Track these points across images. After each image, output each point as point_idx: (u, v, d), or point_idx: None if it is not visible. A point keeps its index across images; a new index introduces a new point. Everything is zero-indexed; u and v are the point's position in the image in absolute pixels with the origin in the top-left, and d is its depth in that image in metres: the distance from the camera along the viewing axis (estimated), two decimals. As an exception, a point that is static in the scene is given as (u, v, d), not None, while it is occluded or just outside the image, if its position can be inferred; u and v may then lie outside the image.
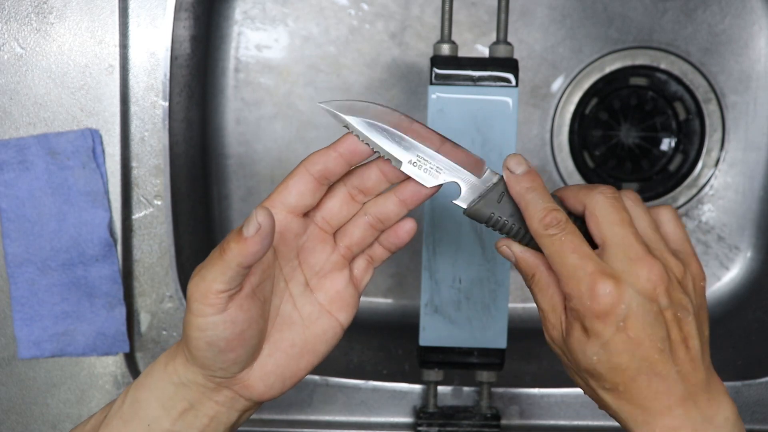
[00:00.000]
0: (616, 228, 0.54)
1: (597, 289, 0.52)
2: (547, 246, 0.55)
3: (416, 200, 0.58)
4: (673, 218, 0.58)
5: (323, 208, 0.59)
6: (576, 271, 0.53)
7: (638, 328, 0.53)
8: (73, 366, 0.89)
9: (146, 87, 0.87)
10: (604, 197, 0.55)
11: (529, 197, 0.56)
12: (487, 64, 0.81)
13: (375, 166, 0.58)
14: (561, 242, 0.54)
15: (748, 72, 1.06)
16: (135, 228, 0.89)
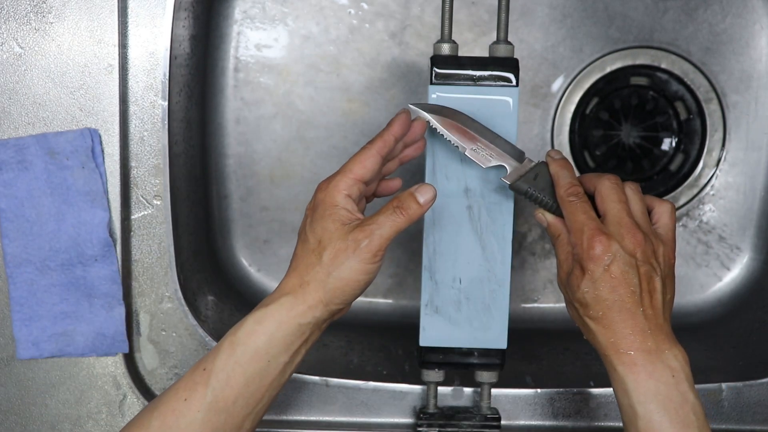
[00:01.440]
0: (615, 204, 0.75)
1: (593, 240, 0.73)
2: (566, 208, 0.76)
3: (409, 160, 0.83)
4: (668, 211, 0.79)
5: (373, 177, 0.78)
6: (582, 227, 0.74)
7: (618, 272, 0.73)
8: (72, 366, 0.88)
9: (145, 87, 0.87)
10: (609, 182, 0.77)
11: (561, 173, 0.78)
12: (488, 63, 0.81)
13: (397, 160, 0.81)
14: (576, 206, 0.76)
15: (749, 71, 1.06)
16: (134, 228, 0.89)
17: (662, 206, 0.79)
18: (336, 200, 0.74)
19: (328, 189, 0.75)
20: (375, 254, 0.72)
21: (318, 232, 0.74)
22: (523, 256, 1.08)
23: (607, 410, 0.94)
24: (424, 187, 0.74)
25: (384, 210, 0.73)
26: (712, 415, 0.94)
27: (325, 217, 0.74)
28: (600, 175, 0.78)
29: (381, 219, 0.72)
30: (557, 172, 0.78)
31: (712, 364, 1.01)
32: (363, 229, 0.72)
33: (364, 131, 1.05)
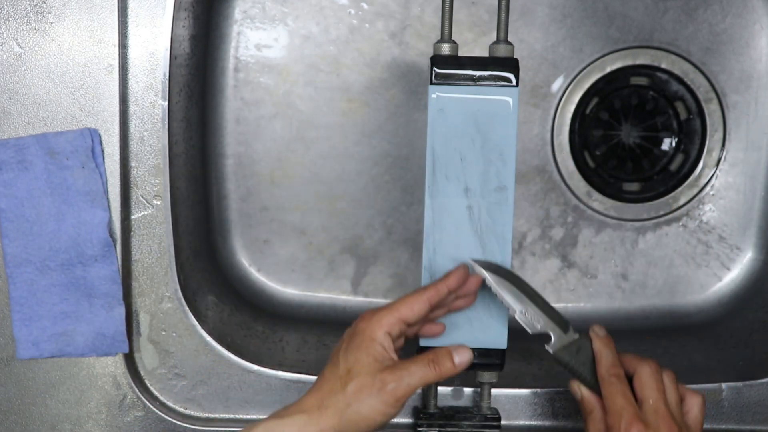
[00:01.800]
0: (653, 392, 0.77)
1: (632, 427, 0.75)
2: (606, 388, 0.78)
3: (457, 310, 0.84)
4: (699, 404, 0.80)
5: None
6: (621, 410, 0.76)
7: None
8: (72, 366, 0.88)
9: (145, 87, 0.87)
10: (650, 368, 0.79)
11: (605, 352, 0.80)
12: (488, 63, 0.81)
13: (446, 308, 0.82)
14: (616, 389, 0.78)
15: (749, 71, 1.05)
16: (134, 228, 0.89)
17: (693, 399, 0.80)
18: (375, 335, 0.75)
19: (371, 322, 0.76)
20: (398, 400, 0.74)
21: (350, 360, 0.75)
22: (523, 256, 1.08)
23: (607, 410, 0.94)
24: (462, 349, 0.77)
25: (418, 360, 0.75)
26: (713, 415, 0.94)
27: (360, 349, 0.75)
28: (641, 359, 0.80)
29: (413, 368, 0.74)
30: (600, 350, 0.80)
31: (712, 364, 1.01)
32: (393, 372, 0.74)
33: (364, 131, 1.05)
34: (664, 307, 1.09)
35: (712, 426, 0.94)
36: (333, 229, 1.06)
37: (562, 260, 1.08)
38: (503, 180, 0.81)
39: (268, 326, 1.02)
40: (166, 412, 0.90)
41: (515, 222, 1.07)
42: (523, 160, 1.06)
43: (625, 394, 0.77)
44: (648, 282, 1.09)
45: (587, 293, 1.09)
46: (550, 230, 1.08)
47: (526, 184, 1.07)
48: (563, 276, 1.09)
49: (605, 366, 0.79)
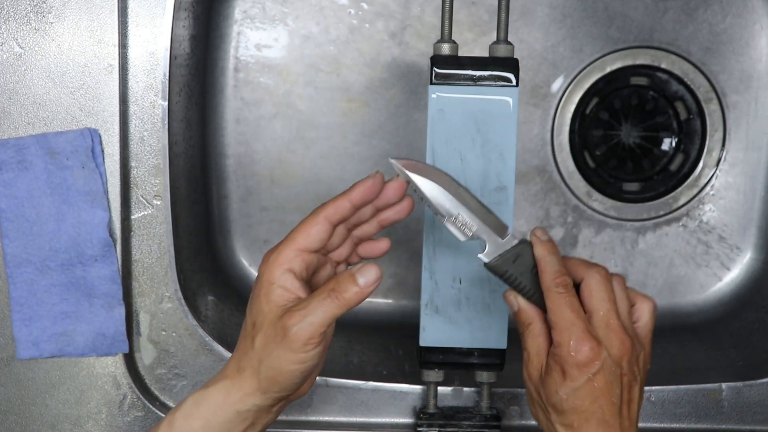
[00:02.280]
0: (604, 303, 0.69)
1: (583, 344, 0.67)
2: (553, 300, 0.69)
3: (391, 224, 0.73)
4: (650, 310, 0.72)
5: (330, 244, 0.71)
6: (570, 326, 0.68)
7: (603, 382, 0.67)
8: (72, 366, 0.88)
9: (145, 87, 0.87)
10: (599, 276, 0.70)
11: (549, 259, 0.70)
12: (488, 63, 0.81)
13: (376, 222, 0.72)
14: (564, 300, 0.68)
15: (749, 71, 1.05)
16: (134, 228, 0.89)
17: (644, 303, 0.72)
18: (273, 276, 0.66)
19: (268, 262, 0.67)
20: (306, 343, 0.65)
21: (253, 312, 0.67)
22: (523, 256, 1.08)
23: (607, 410, 0.94)
24: (367, 267, 0.66)
25: (318, 293, 0.66)
26: (712, 415, 0.94)
27: (260, 297, 0.67)
28: (589, 265, 0.71)
29: (313, 304, 0.65)
30: (543, 257, 0.70)
31: (712, 364, 1.01)
32: (292, 314, 0.65)
33: (364, 131, 1.05)
34: (664, 307, 1.09)
35: (712, 426, 0.94)
36: (333, 229, 1.06)
37: (562, 260, 1.08)
38: (503, 180, 0.81)
39: (268, 326, 1.02)
40: (166, 412, 0.90)
41: (515, 222, 1.07)
42: (523, 160, 1.06)
43: (573, 306, 0.68)
44: (648, 282, 1.09)
45: (587, 293, 1.09)
46: (550, 230, 1.08)
47: (526, 184, 1.07)
48: (563, 276, 1.09)
49: (550, 274, 0.69)
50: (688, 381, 0.94)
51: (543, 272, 0.70)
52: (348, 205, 0.68)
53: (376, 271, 0.67)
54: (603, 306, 0.69)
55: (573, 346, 0.67)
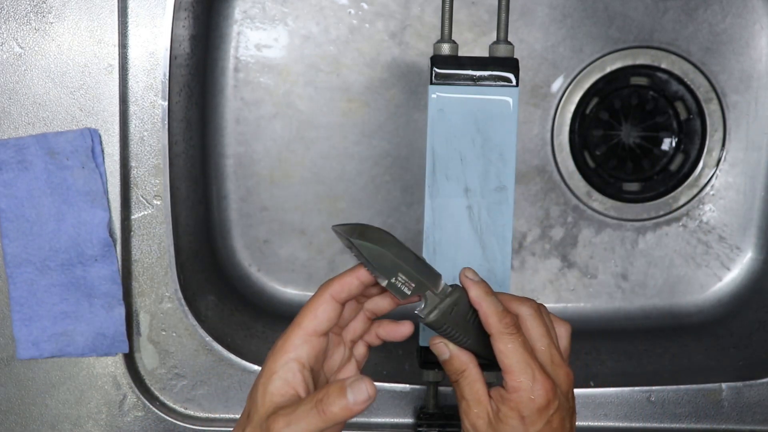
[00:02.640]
0: (543, 338, 0.67)
1: (541, 388, 0.64)
2: (505, 343, 0.66)
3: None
4: (568, 336, 0.70)
5: (341, 321, 0.68)
6: (526, 368, 0.65)
7: (558, 420, 0.66)
8: (72, 366, 0.88)
9: (145, 87, 0.87)
10: (532, 309, 0.68)
11: (489, 300, 0.67)
12: (488, 63, 0.81)
13: (390, 297, 0.69)
14: (518, 341, 0.65)
15: (749, 71, 1.05)
16: (134, 228, 0.89)
17: (562, 328, 0.70)
18: (276, 365, 0.63)
19: (275, 349, 0.64)
20: None
21: (250, 400, 0.64)
22: (523, 256, 1.08)
23: (607, 410, 0.94)
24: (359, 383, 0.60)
25: (306, 399, 0.61)
26: (712, 415, 0.94)
27: (258, 386, 0.63)
28: (519, 300, 0.69)
29: (298, 412, 0.60)
30: (483, 300, 0.67)
31: (712, 364, 1.01)
32: (277, 418, 0.60)
33: (364, 131, 1.05)
34: (664, 307, 1.09)
35: (711, 426, 0.94)
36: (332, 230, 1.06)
37: (562, 260, 1.08)
38: (503, 180, 0.81)
39: (268, 326, 1.02)
40: (166, 413, 0.90)
41: (515, 222, 1.07)
42: (523, 160, 1.06)
43: (527, 347, 0.65)
44: (648, 282, 1.09)
45: (587, 293, 1.09)
46: (550, 230, 1.08)
47: (526, 184, 1.07)
48: (563, 276, 1.09)
49: (495, 316, 0.65)
50: (688, 381, 0.94)
51: (487, 316, 0.66)
52: (356, 282, 0.65)
53: (367, 389, 0.60)
54: (543, 341, 0.67)
55: (532, 390, 0.65)
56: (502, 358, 0.66)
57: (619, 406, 0.94)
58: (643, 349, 1.03)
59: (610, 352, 1.03)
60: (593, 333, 1.07)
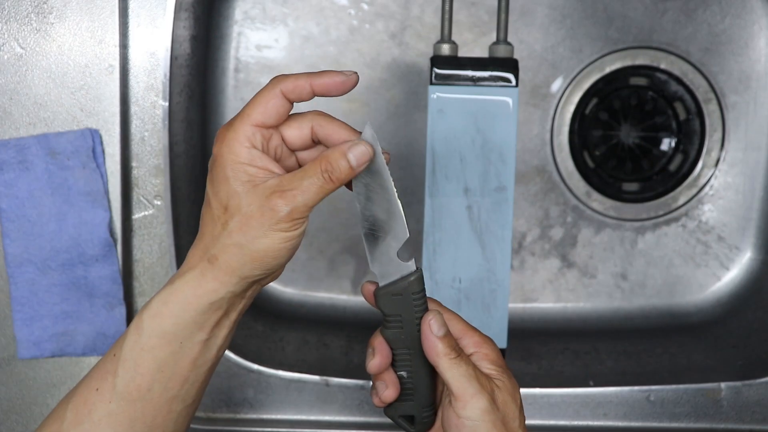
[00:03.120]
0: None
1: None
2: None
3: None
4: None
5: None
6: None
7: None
8: (73, 366, 0.88)
9: (146, 87, 0.87)
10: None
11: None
12: (487, 64, 0.81)
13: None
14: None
15: (748, 72, 1.06)
16: (135, 228, 0.89)
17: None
18: (239, 157, 0.62)
19: (226, 140, 0.62)
20: (295, 222, 0.61)
21: (222, 196, 0.63)
22: (523, 256, 1.08)
23: (607, 410, 0.94)
24: (359, 146, 0.61)
25: (310, 171, 0.61)
26: (712, 414, 0.94)
27: (228, 179, 0.62)
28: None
29: (306, 184, 0.61)
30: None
31: (711, 363, 1.01)
32: (284, 194, 0.60)
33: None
34: (664, 306, 1.09)
35: (711, 425, 0.94)
36: (333, 229, 1.06)
37: (562, 260, 1.09)
38: (503, 180, 0.82)
39: (269, 326, 1.02)
40: (166, 412, 0.90)
41: (515, 222, 1.07)
42: (523, 160, 1.06)
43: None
44: (647, 282, 1.09)
45: (587, 293, 1.09)
46: (549, 230, 1.08)
47: (525, 184, 1.07)
48: (563, 276, 1.09)
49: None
50: (687, 380, 0.94)
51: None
52: (308, 89, 0.63)
53: (367, 150, 0.61)
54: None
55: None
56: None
57: (619, 406, 0.94)
58: (643, 348, 1.04)
59: (609, 351, 1.03)
60: (593, 333, 1.07)
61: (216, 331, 0.64)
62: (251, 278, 0.63)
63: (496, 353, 0.65)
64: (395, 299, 0.63)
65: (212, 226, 0.63)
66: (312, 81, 0.62)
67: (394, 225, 0.63)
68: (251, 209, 0.61)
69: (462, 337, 0.65)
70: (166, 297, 0.63)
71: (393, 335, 0.64)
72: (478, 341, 0.65)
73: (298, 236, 0.62)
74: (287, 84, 0.62)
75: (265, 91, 0.62)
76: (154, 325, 0.63)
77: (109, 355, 0.65)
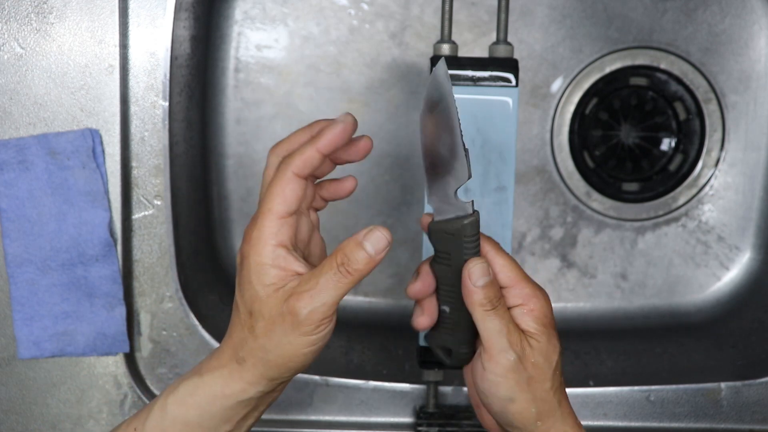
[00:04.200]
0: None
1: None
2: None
3: (345, 163, 0.67)
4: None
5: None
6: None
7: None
8: (73, 366, 0.89)
9: (146, 87, 0.87)
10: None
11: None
12: (487, 64, 0.81)
13: (329, 160, 0.64)
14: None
15: (748, 72, 1.06)
16: (135, 228, 0.89)
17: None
18: (263, 257, 0.60)
19: (250, 241, 0.61)
20: (318, 325, 0.60)
21: (247, 299, 0.61)
22: (523, 256, 1.08)
23: (607, 410, 0.94)
24: (375, 233, 0.60)
25: (325, 268, 0.60)
26: (711, 414, 0.94)
27: (251, 281, 0.61)
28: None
29: (322, 282, 0.59)
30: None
31: (711, 363, 1.01)
32: (300, 296, 0.59)
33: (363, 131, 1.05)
34: (664, 306, 1.09)
35: (711, 425, 0.94)
36: (333, 229, 1.06)
37: (562, 260, 1.09)
38: (503, 180, 0.82)
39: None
40: (166, 412, 0.90)
41: (515, 222, 1.07)
42: (523, 160, 1.06)
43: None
44: (647, 282, 1.09)
45: (587, 293, 1.09)
46: (549, 230, 1.08)
47: (525, 184, 1.07)
48: (563, 276, 1.09)
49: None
50: (687, 380, 0.95)
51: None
52: (317, 156, 0.61)
53: (384, 236, 0.60)
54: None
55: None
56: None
57: (619, 406, 0.94)
58: (643, 348, 1.04)
59: (609, 351, 1.03)
60: (593, 333, 1.07)
61: (242, 422, 0.65)
62: (280, 380, 0.63)
63: (545, 309, 0.64)
64: (447, 237, 0.62)
65: (240, 328, 0.63)
66: (317, 146, 0.61)
67: (456, 165, 0.62)
68: (272, 314, 0.60)
69: (513, 286, 0.64)
70: (193, 388, 0.64)
71: (441, 270, 0.63)
72: (528, 294, 0.64)
73: (320, 340, 0.61)
74: (296, 163, 0.61)
75: (278, 179, 0.61)
76: (178, 413, 0.64)
77: (130, 427, 0.66)
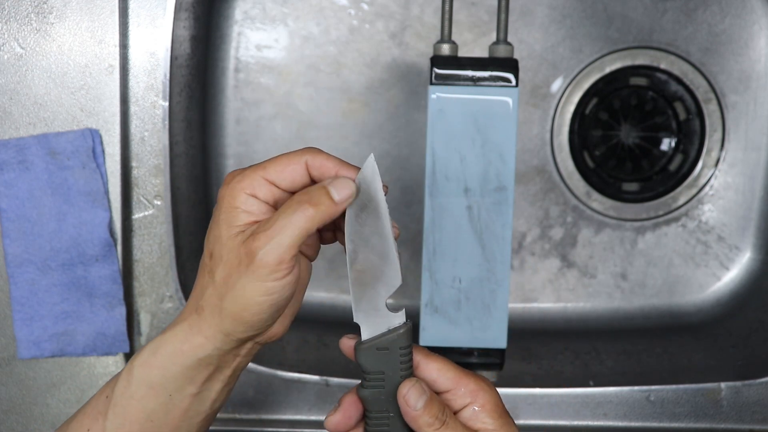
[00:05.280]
0: None
1: None
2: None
3: None
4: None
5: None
6: None
7: None
8: (73, 366, 0.89)
9: (146, 87, 0.87)
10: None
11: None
12: (487, 64, 0.81)
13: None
14: None
15: (748, 72, 1.06)
16: (135, 228, 0.89)
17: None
18: (236, 201, 0.57)
19: (230, 185, 0.58)
20: (275, 268, 0.55)
21: (210, 240, 0.58)
22: (523, 256, 1.08)
23: (607, 410, 0.94)
24: (340, 181, 0.56)
25: (284, 209, 0.55)
26: (711, 414, 0.94)
27: (219, 223, 0.57)
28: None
29: (280, 221, 0.55)
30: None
31: (711, 363, 1.01)
32: (256, 236, 0.55)
33: (364, 132, 1.05)
34: (664, 306, 1.09)
35: (711, 425, 0.94)
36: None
37: (562, 260, 1.09)
38: (503, 180, 0.82)
39: (269, 326, 1.02)
40: (166, 412, 0.90)
41: (515, 222, 1.07)
42: (523, 160, 1.06)
43: None
44: (647, 282, 1.09)
45: (587, 293, 1.09)
46: (549, 230, 1.08)
47: (525, 184, 1.07)
48: (563, 276, 1.09)
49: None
50: (687, 380, 0.95)
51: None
52: (332, 173, 0.58)
53: (350, 187, 0.56)
54: None
55: None
56: None
57: (619, 406, 0.94)
58: (643, 348, 1.04)
59: (609, 351, 1.03)
60: (593, 333, 1.07)
61: (208, 385, 0.61)
62: (236, 335, 0.58)
63: (495, 399, 0.60)
64: (379, 354, 0.57)
65: (202, 275, 0.59)
66: (340, 170, 0.58)
67: (387, 269, 0.57)
68: (230, 258, 0.56)
69: (455, 387, 0.59)
70: (155, 347, 0.60)
71: (372, 395, 0.58)
72: (474, 389, 0.60)
73: (280, 289, 0.56)
74: (316, 159, 0.58)
75: (291, 153, 0.58)
76: (142, 375, 0.61)
77: (102, 395, 0.62)
